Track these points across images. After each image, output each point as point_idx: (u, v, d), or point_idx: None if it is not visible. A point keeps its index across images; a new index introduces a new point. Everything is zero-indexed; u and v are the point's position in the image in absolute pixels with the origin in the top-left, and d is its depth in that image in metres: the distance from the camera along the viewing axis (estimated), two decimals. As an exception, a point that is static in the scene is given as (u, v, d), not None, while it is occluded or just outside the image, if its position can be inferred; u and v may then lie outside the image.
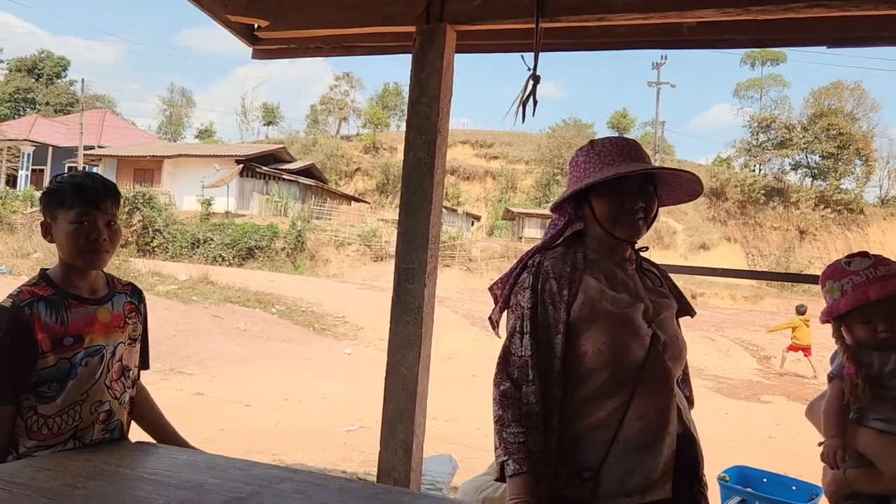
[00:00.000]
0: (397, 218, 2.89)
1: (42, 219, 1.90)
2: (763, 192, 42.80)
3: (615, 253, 1.68)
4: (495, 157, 49.57)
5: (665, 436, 1.55)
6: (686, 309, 1.78)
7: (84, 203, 1.83)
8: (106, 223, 1.86)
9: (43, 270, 1.90)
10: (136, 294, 2.05)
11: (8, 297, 1.80)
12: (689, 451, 1.63)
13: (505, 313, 1.70)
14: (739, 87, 50.54)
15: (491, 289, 1.74)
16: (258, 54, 3.49)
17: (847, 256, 1.74)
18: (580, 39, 3.08)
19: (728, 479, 3.04)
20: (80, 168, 23.03)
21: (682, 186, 1.75)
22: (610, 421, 1.54)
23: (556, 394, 1.55)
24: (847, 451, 1.66)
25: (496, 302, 1.72)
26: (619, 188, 1.61)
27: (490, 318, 1.74)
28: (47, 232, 1.88)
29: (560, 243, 1.71)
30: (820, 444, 1.71)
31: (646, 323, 1.60)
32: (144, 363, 2.11)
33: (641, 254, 1.78)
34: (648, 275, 1.73)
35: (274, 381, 9.22)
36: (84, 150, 33.16)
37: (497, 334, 1.69)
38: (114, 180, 2.04)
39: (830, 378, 1.75)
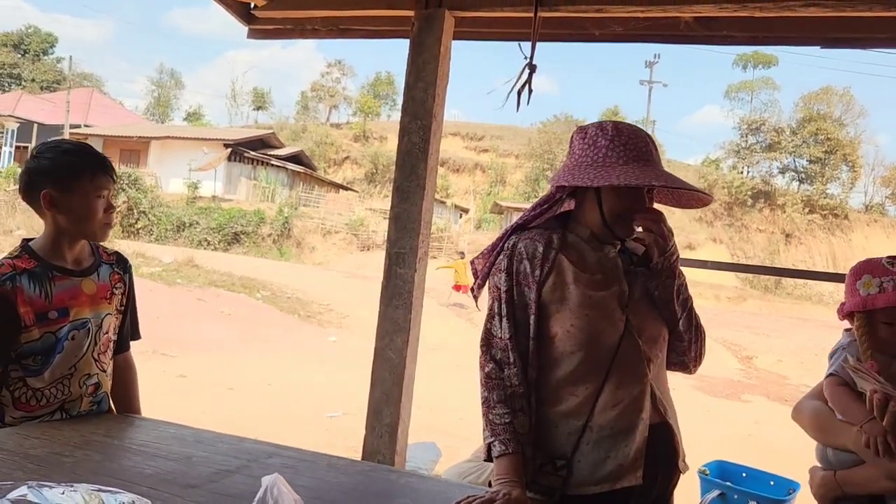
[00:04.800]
0: (386, 207, 2.89)
1: (45, 189, 1.73)
2: (750, 194, 43.11)
3: (598, 238, 1.64)
4: (485, 150, 49.52)
5: (638, 423, 1.54)
6: None
7: (105, 176, 1.79)
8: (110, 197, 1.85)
9: (25, 242, 1.83)
10: (121, 263, 2.00)
11: None
12: (665, 439, 1.60)
13: (485, 290, 1.69)
14: (731, 89, 50.79)
15: (472, 262, 1.73)
16: (254, 34, 3.47)
17: (889, 257, 1.77)
18: (578, 31, 3.09)
19: (708, 472, 3.07)
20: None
21: (677, 198, 1.77)
22: (583, 408, 1.53)
23: (533, 375, 1.55)
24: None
25: (476, 276, 1.71)
26: (634, 189, 1.57)
27: (471, 289, 1.74)
28: (52, 203, 1.74)
29: (540, 224, 1.67)
30: (860, 428, 1.59)
31: (620, 308, 1.57)
32: (135, 332, 2.08)
33: None
34: (629, 256, 1.71)
35: (257, 365, 9.19)
36: (70, 128, 32.74)
37: (477, 306, 1.70)
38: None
39: (829, 376, 1.74)
